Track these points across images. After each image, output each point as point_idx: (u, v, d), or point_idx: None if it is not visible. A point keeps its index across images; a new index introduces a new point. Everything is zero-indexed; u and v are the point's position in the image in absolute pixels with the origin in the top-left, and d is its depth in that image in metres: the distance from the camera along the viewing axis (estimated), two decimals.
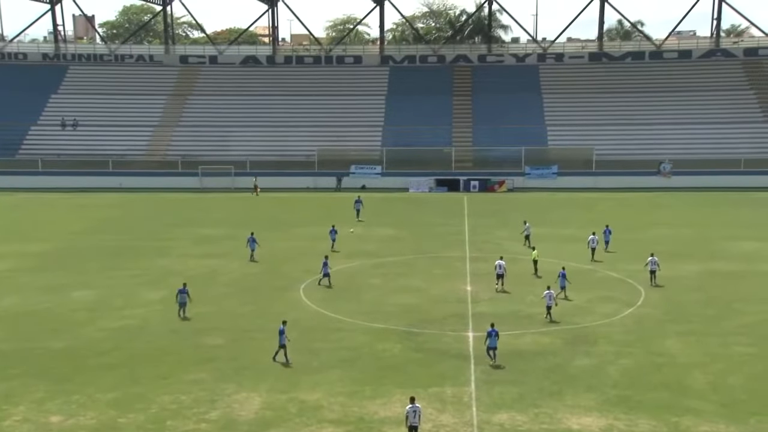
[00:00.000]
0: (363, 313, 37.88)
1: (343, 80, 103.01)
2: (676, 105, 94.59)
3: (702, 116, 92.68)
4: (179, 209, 71.94)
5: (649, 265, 43.51)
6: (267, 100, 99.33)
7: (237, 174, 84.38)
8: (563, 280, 40.46)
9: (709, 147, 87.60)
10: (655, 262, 43.46)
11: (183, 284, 38.08)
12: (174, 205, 74.76)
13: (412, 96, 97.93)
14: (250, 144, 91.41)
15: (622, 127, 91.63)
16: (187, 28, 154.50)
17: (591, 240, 50.25)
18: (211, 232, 59.60)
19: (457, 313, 37.97)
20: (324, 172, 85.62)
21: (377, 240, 56.35)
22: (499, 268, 42.68)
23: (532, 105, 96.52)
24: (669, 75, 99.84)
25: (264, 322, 36.54)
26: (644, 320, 36.81)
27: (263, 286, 43.37)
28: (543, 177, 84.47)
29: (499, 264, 42.80)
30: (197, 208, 72.38)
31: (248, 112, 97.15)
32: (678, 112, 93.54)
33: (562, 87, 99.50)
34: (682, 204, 72.68)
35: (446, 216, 66.90)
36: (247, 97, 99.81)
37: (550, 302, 36.91)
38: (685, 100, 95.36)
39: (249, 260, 49.74)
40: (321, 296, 41.13)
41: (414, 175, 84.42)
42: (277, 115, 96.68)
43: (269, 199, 77.35)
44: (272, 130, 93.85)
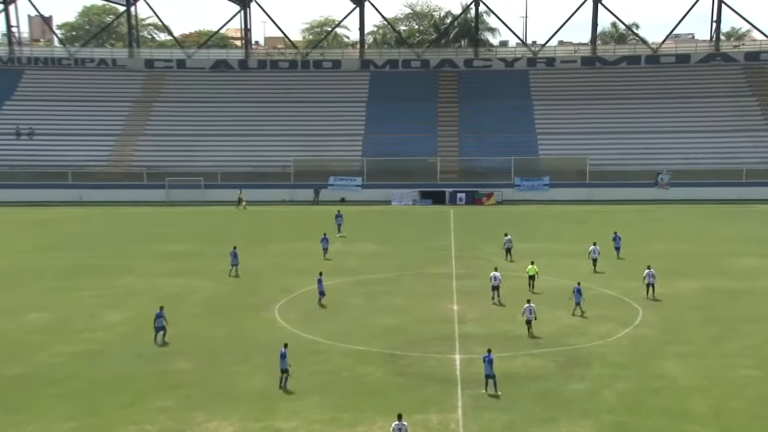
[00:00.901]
0: (342, 335, 37.79)
1: (320, 86, 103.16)
2: (674, 112, 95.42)
3: (701, 124, 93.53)
4: (144, 224, 71.60)
5: (647, 278, 44.11)
6: (239, 107, 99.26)
7: (207, 186, 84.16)
8: (578, 296, 41.12)
9: (709, 157, 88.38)
10: (653, 275, 44.07)
11: (160, 308, 37.67)
12: (139, 219, 74.40)
13: (394, 103, 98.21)
14: (221, 154, 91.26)
15: (617, 136, 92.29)
16: (152, 30, 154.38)
17: (592, 251, 51.38)
18: (180, 249, 59.34)
19: (443, 334, 37.95)
20: (301, 184, 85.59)
21: (358, 256, 56.29)
22: (494, 280, 43.55)
23: (522, 112, 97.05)
24: (666, 80, 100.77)
25: (237, 345, 36.38)
26: (641, 341, 36.96)
27: (236, 306, 43.19)
28: (534, 189, 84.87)
29: (494, 276, 43.72)
30: (164, 223, 72.06)
31: (219, 121, 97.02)
32: (676, 119, 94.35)
33: (553, 93, 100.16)
34: (680, 217, 73.20)
35: (431, 230, 67.00)
36: (218, 105, 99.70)
37: (530, 316, 37.55)
38: (684, 107, 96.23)
39: (229, 275, 50.14)
40: (297, 317, 41.01)
41: (397, 187, 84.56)
42: (250, 123, 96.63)
43: (242, 214, 77.16)
44: (245, 140, 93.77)
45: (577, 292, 41.23)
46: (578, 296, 41.14)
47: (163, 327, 36.92)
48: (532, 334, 37.47)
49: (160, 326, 36.90)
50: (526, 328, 37.70)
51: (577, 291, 41.26)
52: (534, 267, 46.71)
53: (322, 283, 43.39)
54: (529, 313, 37.60)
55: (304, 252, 57.33)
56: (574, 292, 41.31)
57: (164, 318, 37.07)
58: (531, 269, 46.54)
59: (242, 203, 79.59)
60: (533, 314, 37.61)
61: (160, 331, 36.87)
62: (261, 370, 33.02)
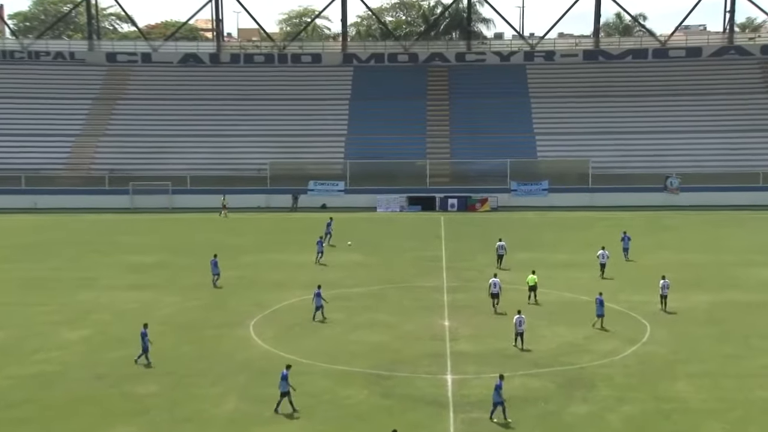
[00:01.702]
0: (323, 354, 37.71)
1: (299, 82, 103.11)
2: (684, 111, 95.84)
3: (714, 123, 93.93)
4: (106, 233, 71.29)
5: (661, 289, 44.57)
6: (210, 105, 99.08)
7: (175, 192, 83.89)
8: (601, 308, 41.48)
9: (723, 159, 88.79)
10: (667, 286, 44.57)
11: (144, 325, 37.43)
12: (100, 228, 74.08)
13: (379, 101, 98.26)
14: (191, 157, 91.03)
15: (622, 137, 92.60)
16: (115, 20, 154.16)
17: (601, 255, 52.87)
18: (145, 260, 59.12)
19: (433, 352, 37.91)
20: (277, 189, 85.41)
21: (340, 267, 56.21)
22: (494, 287, 44.30)
23: (519, 111, 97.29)
24: (676, 76, 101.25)
25: (207, 365, 36.22)
26: (650, 360, 37.02)
27: (206, 323, 43.03)
28: (532, 194, 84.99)
29: (494, 282, 44.48)
30: (128, 232, 71.80)
31: (188, 120, 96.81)
32: (687, 118, 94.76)
33: (552, 90, 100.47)
34: (691, 225, 73.48)
35: (420, 239, 67.00)
36: (187, 102, 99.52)
37: (521, 328, 38.12)
38: (695, 104, 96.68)
39: (215, 286, 50.57)
40: (274, 334, 40.93)
41: (382, 192, 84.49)
42: (222, 122, 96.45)
43: (213, 222, 76.95)
44: (217, 141, 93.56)
45: (599, 303, 41.68)
46: (601, 308, 41.60)
47: (147, 348, 36.71)
48: (522, 346, 38.06)
49: (145, 347, 36.68)
50: (516, 341, 38.33)
51: (600, 302, 41.70)
52: (534, 277, 46.96)
53: (321, 297, 43.47)
54: (520, 324, 38.22)
55: (281, 263, 57.19)
56: (597, 303, 41.76)
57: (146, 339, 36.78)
58: (531, 279, 46.79)
59: (225, 210, 79.39)
60: (524, 326, 38.22)
61: (146, 353, 36.69)
62: (234, 393, 32.88)
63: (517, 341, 38.41)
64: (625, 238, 58.40)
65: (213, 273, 51.15)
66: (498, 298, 44.44)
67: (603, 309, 41.58)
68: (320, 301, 43.35)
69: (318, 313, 43.29)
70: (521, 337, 38.33)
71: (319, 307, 43.33)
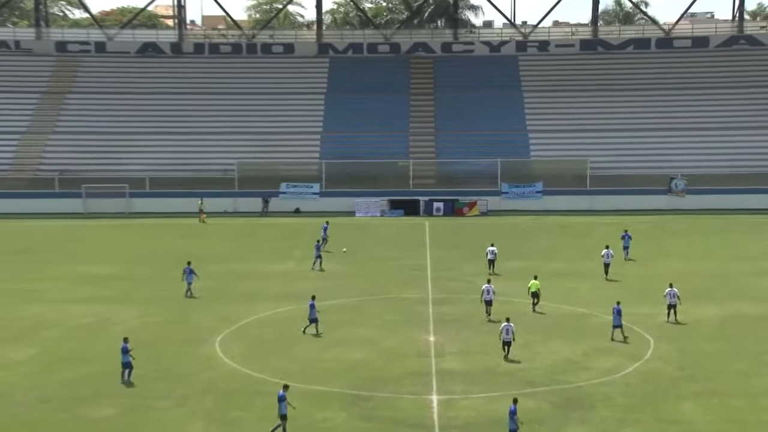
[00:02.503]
0: (296, 372, 37.58)
1: (269, 75, 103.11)
2: (690, 106, 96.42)
3: (723, 120, 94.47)
4: (56, 241, 70.97)
5: (668, 298, 44.86)
6: (171, 99, 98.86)
7: (133, 195, 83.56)
8: (618, 318, 41.92)
9: (733, 158, 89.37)
10: (675, 294, 44.89)
11: (124, 340, 37.32)
12: (49, 235, 73.72)
13: (358, 95, 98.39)
14: (150, 156, 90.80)
15: (623, 134, 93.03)
16: (65, 6, 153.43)
17: (605, 254, 55.06)
18: (99, 271, 58.85)
19: (418, 370, 37.89)
20: (246, 192, 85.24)
21: (314, 278, 56.15)
22: (487, 294, 45.14)
23: (510, 106, 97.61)
24: (681, 68, 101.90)
25: (168, 387, 36.04)
26: (654, 378, 37.12)
27: (167, 340, 42.84)
28: (524, 197, 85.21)
29: (488, 288, 45.29)
30: (80, 239, 71.49)
31: (147, 116, 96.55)
32: (693, 114, 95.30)
33: (547, 83, 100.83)
34: (698, 230, 73.85)
35: (403, 247, 67.06)
36: (146, 96, 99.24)
37: (508, 337, 38.73)
38: (702, 99, 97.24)
39: (186, 296, 50.77)
40: (242, 351, 40.79)
41: (361, 195, 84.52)
42: (185, 119, 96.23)
43: (174, 227, 76.69)
44: (179, 139, 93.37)
45: (616, 313, 42.06)
46: (618, 318, 41.98)
47: (129, 363, 36.67)
48: (509, 357, 38.71)
49: (126, 362, 36.62)
50: (503, 350, 38.91)
51: (617, 312, 42.08)
52: (537, 282, 47.52)
53: (314, 308, 43.52)
54: (506, 333, 38.79)
55: (251, 274, 57.10)
56: (614, 313, 42.14)
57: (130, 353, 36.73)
58: (534, 285, 47.32)
59: (203, 215, 79.09)
60: (511, 335, 38.80)
61: (127, 369, 36.64)
62: (199, 417, 32.74)
63: (505, 351, 38.99)
64: (625, 237, 60.67)
65: (187, 282, 51.25)
66: (491, 305, 45.18)
67: (621, 319, 42.04)
68: (315, 314, 43.38)
69: (312, 327, 43.29)
70: (509, 347, 38.93)
71: (314, 320, 43.34)
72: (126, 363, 36.67)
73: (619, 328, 42.07)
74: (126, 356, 36.65)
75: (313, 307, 43.53)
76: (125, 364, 36.66)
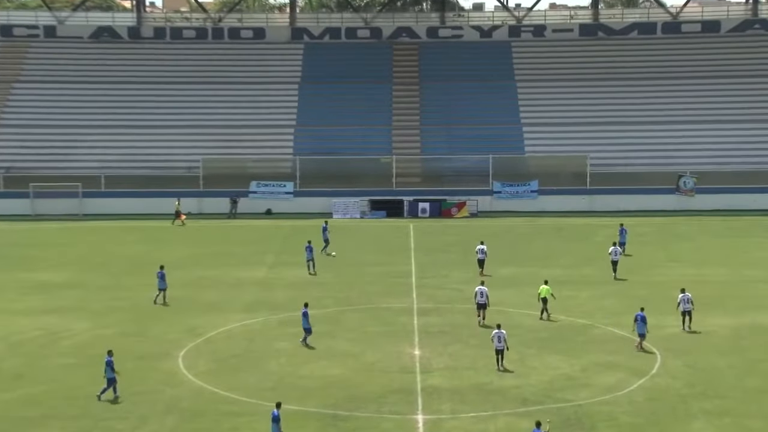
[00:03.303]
0: (267, 390, 37.56)
1: (237, 63, 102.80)
2: (700, 96, 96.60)
3: (736, 112, 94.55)
4: (0, 245, 70.63)
5: (681, 305, 45.24)
6: (129, 90, 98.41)
7: (87, 195, 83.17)
8: (642, 325, 42.43)
9: (747, 154, 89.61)
10: (689, 300, 45.31)
11: (108, 353, 37.45)
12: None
13: (335, 84, 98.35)
14: (106, 152, 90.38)
15: (626, 127, 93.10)
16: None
17: (613, 251, 57.40)
18: (49, 278, 58.58)
19: (401, 387, 37.91)
20: (212, 191, 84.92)
21: (287, 286, 56.11)
22: (480, 296, 46.14)
23: (503, 97, 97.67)
24: (690, 55, 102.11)
25: (126, 407, 35.91)
26: (661, 395, 37.20)
27: (125, 354, 42.50)
28: (518, 196, 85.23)
29: (481, 290, 46.28)
30: (28, 244, 71.14)
31: (102, 108, 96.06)
32: (703, 106, 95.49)
33: (543, 72, 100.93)
34: (709, 233, 73.95)
35: (385, 252, 67.06)
36: (101, 86, 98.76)
37: (500, 344, 39.38)
38: (713, 89, 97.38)
39: (155, 303, 51.22)
40: (208, 367, 40.71)
41: (340, 195, 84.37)
42: (144, 111, 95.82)
43: (133, 231, 76.43)
44: (137, 133, 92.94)
45: (640, 320, 42.54)
46: (642, 326, 42.43)
47: (114, 380, 36.78)
48: (502, 366, 39.51)
49: (111, 377, 36.74)
50: (495, 359, 39.58)
51: (641, 319, 42.57)
52: (547, 287, 48.01)
53: (308, 316, 43.81)
54: (498, 341, 39.42)
55: (217, 282, 57.00)
56: (637, 320, 42.58)
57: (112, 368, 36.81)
58: (544, 290, 47.85)
59: (181, 216, 78.72)
60: (503, 342, 39.41)
61: (113, 384, 36.77)
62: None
63: (498, 361, 39.61)
64: (621, 231, 63.38)
65: (159, 288, 51.49)
66: (485, 310, 46.03)
67: (645, 327, 42.50)
68: (308, 322, 43.74)
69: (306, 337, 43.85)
70: (501, 355, 39.56)
71: (307, 329, 43.75)
72: (111, 379, 36.67)
73: (642, 338, 42.53)
74: (110, 371, 36.66)
75: (306, 316, 43.73)
76: (110, 380, 36.66)
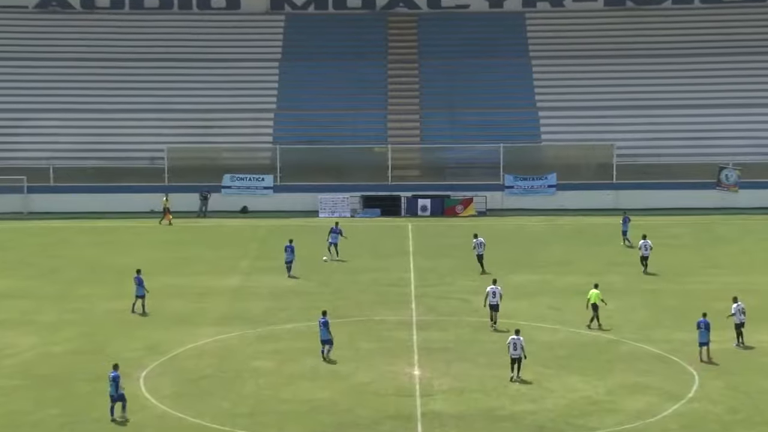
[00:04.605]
0: (243, 416, 37.58)
1: (208, 36, 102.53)
2: (745, 76, 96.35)
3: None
4: None
5: (736, 316, 45.45)
6: (82, 67, 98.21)
7: (32, 190, 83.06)
8: (705, 333, 43.02)
9: None
10: (743, 310, 45.62)
11: (114, 366, 37.89)
12: None
13: (321, 62, 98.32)
14: (55, 141, 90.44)
15: (658, 112, 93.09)
16: None
17: (642, 245, 60.52)
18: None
19: (398, 413, 37.91)
20: (179, 185, 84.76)
21: (266, 296, 56.19)
22: (492, 296, 47.78)
23: (515, 77, 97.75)
24: (733, 29, 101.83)
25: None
26: (698, 423, 37.20)
27: (77, 375, 42.63)
28: (533, 192, 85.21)
29: (493, 290, 47.89)
30: None
31: (51, 88, 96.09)
32: (749, 87, 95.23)
33: (562, 48, 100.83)
34: (754, 234, 73.95)
35: (379, 256, 67.09)
36: (49, 63, 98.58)
37: (515, 353, 40.21)
38: (760, 68, 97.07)
39: (133, 311, 51.75)
40: (174, 389, 40.69)
41: (326, 190, 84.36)
42: (99, 92, 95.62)
43: (86, 232, 76.36)
44: (92, 118, 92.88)
45: (704, 327, 43.00)
46: (705, 334, 42.97)
47: (123, 397, 37.18)
48: (519, 377, 40.48)
49: (118, 395, 37.08)
50: (511, 369, 40.67)
51: (705, 326, 43.00)
52: (597, 292, 48.70)
53: (328, 326, 44.33)
54: (514, 348, 40.24)
55: (184, 290, 57.01)
56: (700, 327, 43.03)
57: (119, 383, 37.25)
58: (593, 295, 48.62)
59: (169, 214, 78.70)
60: (521, 350, 40.20)
61: (118, 402, 37.10)
62: None
63: (514, 371, 40.43)
64: (625, 220, 68.28)
65: (137, 295, 51.90)
66: (497, 310, 47.56)
67: (708, 335, 42.90)
68: (327, 334, 44.24)
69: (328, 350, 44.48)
70: (518, 364, 40.56)
71: (327, 341, 44.27)
72: (119, 396, 37.07)
73: (705, 347, 42.96)
74: (116, 385, 37.04)
75: (326, 326, 44.25)
76: (118, 397, 37.07)
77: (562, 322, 49.23)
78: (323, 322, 44.38)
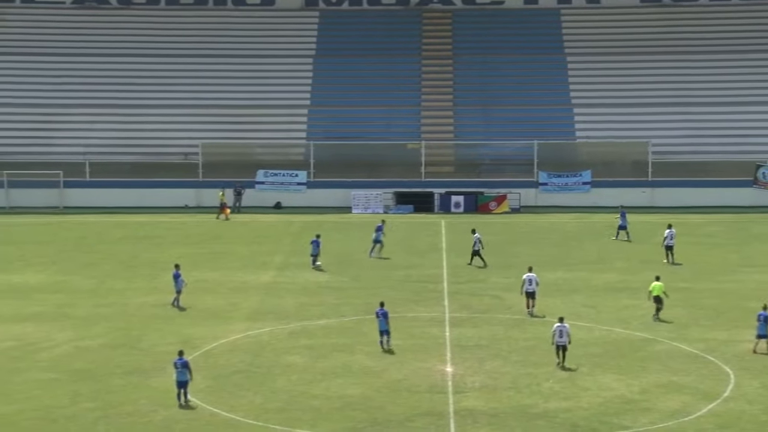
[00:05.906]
0: (275, 411, 37.57)
1: (243, 33, 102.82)
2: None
3: None
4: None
5: None
6: (118, 63, 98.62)
7: (69, 184, 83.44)
8: (765, 326, 42.87)
9: None
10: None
11: (179, 353, 38.61)
12: None
13: (355, 58, 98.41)
14: (91, 135, 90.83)
15: (694, 109, 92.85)
16: None
17: (668, 235, 61.74)
18: (25, 280, 58.94)
19: (431, 409, 37.79)
20: (213, 181, 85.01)
21: (299, 291, 56.18)
22: (529, 284, 49.14)
23: (550, 73, 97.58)
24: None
25: (114, 429, 35.95)
26: (734, 422, 36.91)
27: (112, 369, 42.73)
28: (567, 189, 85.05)
29: (529, 278, 49.24)
30: (1, 240, 71.52)
31: (88, 84, 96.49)
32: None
33: (598, 44, 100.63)
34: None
35: (412, 252, 67.06)
36: (86, 59, 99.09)
37: (561, 340, 41.20)
38: None
39: (173, 305, 52.09)
40: (207, 384, 40.65)
41: (360, 186, 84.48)
42: (135, 88, 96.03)
43: (121, 226, 76.61)
44: (128, 114, 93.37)
45: (764, 320, 42.91)
46: (765, 326, 42.85)
47: (186, 381, 37.91)
48: (563, 364, 41.44)
49: (183, 380, 37.82)
50: (556, 355, 41.71)
51: (765, 319, 42.91)
52: (660, 284, 48.83)
53: (387, 317, 44.99)
54: (560, 335, 41.09)
55: (217, 286, 57.15)
56: (760, 320, 43.03)
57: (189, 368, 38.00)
58: (656, 287, 48.76)
59: (226, 210, 78.86)
60: (566, 337, 41.16)
61: (182, 387, 37.81)
62: None
63: (559, 357, 41.61)
64: (622, 214, 69.70)
65: (176, 290, 52.20)
66: (534, 297, 48.75)
67: (766, 328, 42.77)
68: (386, 325, 44.84)
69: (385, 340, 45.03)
70: (564, 352, 41.58)
71: (385, 331, 44.87)
72: (182, 381, 37.86)
73: (765, 339, 42.88)
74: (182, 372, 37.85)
75: (385, 317, 44.73)
76: (180, 382, 37.90)
77: (596, 320, 48.99)
78: (383, 312, 44.80)
